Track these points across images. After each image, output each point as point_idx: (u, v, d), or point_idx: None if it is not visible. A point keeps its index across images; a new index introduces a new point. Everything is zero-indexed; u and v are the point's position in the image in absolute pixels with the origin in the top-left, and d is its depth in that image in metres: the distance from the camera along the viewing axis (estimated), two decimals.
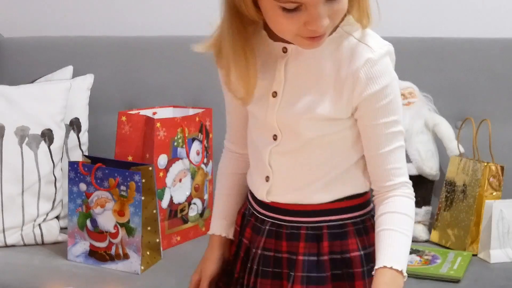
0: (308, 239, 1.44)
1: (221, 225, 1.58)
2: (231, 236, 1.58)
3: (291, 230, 1.45)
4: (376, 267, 1.36)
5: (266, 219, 1.49)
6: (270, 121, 1.42)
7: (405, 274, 1.35)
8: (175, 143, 2.21)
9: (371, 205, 1.48)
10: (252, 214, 1.53)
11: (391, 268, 1.34)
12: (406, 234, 1.38)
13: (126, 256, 2.07)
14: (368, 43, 1.36)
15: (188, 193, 2.27)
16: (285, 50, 1.39)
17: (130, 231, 2.06)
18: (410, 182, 1.43)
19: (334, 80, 1.36)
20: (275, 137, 1.43)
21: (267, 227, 1.48)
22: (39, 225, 2.27)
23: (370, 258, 1.43)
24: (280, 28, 1.33)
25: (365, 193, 1.48)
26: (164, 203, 2.20)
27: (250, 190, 1.54)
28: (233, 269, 1.56)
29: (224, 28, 1.40)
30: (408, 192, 1.42)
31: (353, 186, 1.46)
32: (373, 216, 1.46)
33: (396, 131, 1.39)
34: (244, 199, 1.58)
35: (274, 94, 1.40)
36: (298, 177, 1.43)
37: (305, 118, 1.38)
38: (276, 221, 1.47)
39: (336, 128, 1.41)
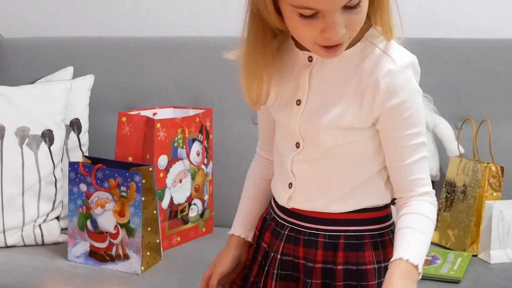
0: (325, 248, 1.45)
1: (242, 226, 1.60)
2: (249, 239, 1.59)
3: (308, 237, 1.47)
4: (392, 259, 1.34)
5: (286, 224, 1.50)
6: (293, 129, 1.44)
7: (420, 270, 1.34)
8: (175, 144, 2.21)
9: (391, 220, 1.48)
10: (273, 218, 1.54)
11: (407, 261, 1.32)
12: (426, 235, 1.37)
13: (126, 257, 2.07)
14: (391, 55, 1.36)
15: (188, 194, 2.27)
16: (310, 59, 1.42)
17: (130, 232, 2.06)
18: (433, 191, 1.43)
19: (356, 90, 1.37)
20: (297, 145, 1.45)
21: (286, 232, 1.50)
22: (40, 225, 2.27)
23: (384, 272, 1.39)
24: (299, 35, 1.34)
25: (386, 206, 1.47)
26: (164, 204, 2.20)
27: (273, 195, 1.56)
28: (250, 273, 1.57)
29: (246, 36, 1.41)
30: (431, 200, 1.42)
31: (373, 197, 1.45)
32: (392, 231, 1.47)
33: (418, 142, 1.39)
34: (268, 205, 1.60)
35: (298, 102, 1.43)
36: (319, 185, 1.44)
37: (327, 127, 1.39)
38: (295, 227, 1.49)
39: (357, 137, 1.41)
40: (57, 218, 2.32)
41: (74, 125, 2.42)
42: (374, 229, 1.46)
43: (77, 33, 2.77)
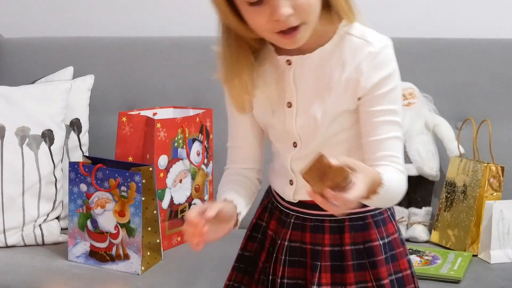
0: (332, 231, 1.50)
1: (236, 198, 1.51)
2: (239, 218, 1.50)
3: (315, 223, 1.51)
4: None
5: (291, 212, 1.54)
6: (290, 130, 1.48)
7: (382, 187, 1.34)
8: (176, 144, 2.21)
9: None
10: (276, 207, 1.58)
11: (379, 173, 1.35)
12: (396, 186, 1.40)
13: (126, 257, 2.07)
14: (367, 39, 1.42)
15: (188, 194, 2.27)
16: (289, 63, 1.46)
17: (130, 232, 2.06)
18: (405, 171, 1.45)
19: (340, 79, 1.42)
20: (295, 144, 1.49)
21: (293, 220, 1.54)
22: (40, 225, 2.27)
23: (389, 246, 1.50)
24: (256, 27, 1.38)
25: None
26: (165, 204, 2.20)
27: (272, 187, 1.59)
28: (258, 259, 1.59)
29: (221, 52, 1.48)
30: (401, 172, 1.43)
31: None
32: (389, 208, 1.54)
33: (393, 120, 1.43)
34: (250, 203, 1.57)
35: (289, 105, 1.47)
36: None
37: (323, 121, 1.43)
38: (301, 215, 1.53)
39: (349, 123, 1.45)
40: (57, 218, 2.32)
41: (74, 125, 2.42)
42: (374, 209, 1.51)
43: (77, 33, 2.76)
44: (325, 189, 1.24)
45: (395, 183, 1.40)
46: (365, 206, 1.48)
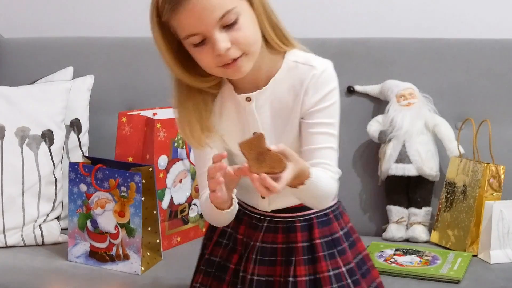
0: (302, 230, 1.69)
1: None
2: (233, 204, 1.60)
3: (287, 224, 1.70)
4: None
5: (263, 217, 1.71)
6: None
7: (309, 180, 1.51)
8: (176, 144, 2.21)
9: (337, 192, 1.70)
10: (244, 213, 1.73)
11: (309, 168, 1.52)
12: (325, 185, 1.57)
13: (126, 257, 2.07)
14: (311, 63, 1.60)
15: (188, 194, 2.27)
16: (249, 99, 1.62)
17: (130, 232, 2.06)
18: (338, 174, 1.62)
19: (294, 104, 1.61)
20: None
21: (265, 224, 1.71)
22: (40, 225, 2.27)
23: (348, 234, 1.73)
24: (204, 65, 1.55)
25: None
26: (164, 204, 2.20)
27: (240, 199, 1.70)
28: (228, 262, 1.73)
29: (174, 101, 1.66)
30: (333, 175, 1.61)
31: None
32: (341, 204, 1.77)
33: (329, 132, 1.60)
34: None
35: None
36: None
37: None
38: (273, 219, 1.71)
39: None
40: (57, 218, 2.32)
41: (74, 125, 2.42)
42: (333, 205, 1.73)
43: (77, 33, 2.76)
44: (262, 173, 1.40)
45: (324, 181, 1.55)
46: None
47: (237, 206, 1.60)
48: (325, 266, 1.67)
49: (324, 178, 1.56)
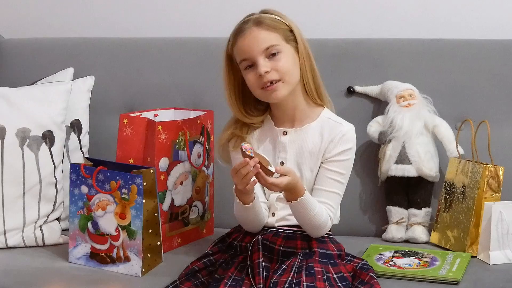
0: (303, 239, 2.02)
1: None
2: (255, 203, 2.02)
3: (288, 233, 2.04)
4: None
5: (267, 228, 2.07)
6: None
7: (299, 200, 1.94)
8: (177, 146, 2.21)
9: None
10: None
11: (305, 190, 1.95)
12: (315, 213, 1.96)
13: (127, 259, 2.07)
14: (341, 122, 2.06)
15: (189, 196, 2.27)
16: (285, 133, 2.06)
17: (131, 234, 2.06)
18: (332, 222, 2.03)
19: (319, 147, 2.03)
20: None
21: (268, 229, 2.06)
22: (40, 227, 2.27)
23: (341, 256, 2.04)
24: (250, 85, 2.01)
25: None
26: (165, 206, 2.20)
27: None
28: (234, 259, 2.02)
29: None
30: (330, 214, 2.01)
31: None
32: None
33: (340, 181, 2.02)
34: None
35: (282, 163, 2.05)
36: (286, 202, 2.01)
37: (305, 177, 2.04)
38: (275, 229, 2.06)
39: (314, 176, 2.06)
40: (58, 219, 2.32)
41: (75, 126, 2.42)
42: (328, 234, 2.07)
43: (77, 34, 2.76)
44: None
45: (316, 210, 1.95)
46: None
47: (258, 205, 2.00)
48: (320, 267, 1.92)
49: (318, 208, 1.96)
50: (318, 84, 2.06)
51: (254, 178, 1.89)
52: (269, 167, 1.87)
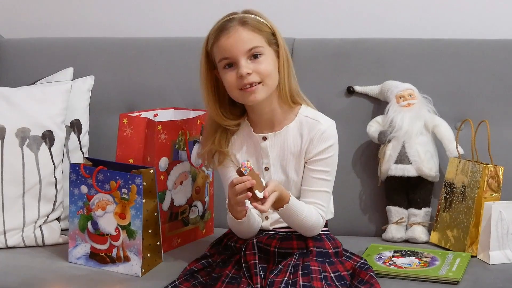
0: (298, 239, 2.02)
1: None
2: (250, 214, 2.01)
3: (283, 235, 2.04)
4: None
5: (262, 231, 2.06)
6: None
7: (285, 207, 1.93)
8: (176, 146, 2.21)
9: None
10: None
11: (289, 199, 1.94)
12: (304, 215, 1.96)
13: (127, 259, 2.07)
14: (318, 120, 2.02)
15: (189, 196, 2.27)
16: (265, 138, 2.04)
17: (131, 234, 2.06)
18: (325, 219, 2.03)
19: (301, 148, 2.02)
20: None
21: (263, 233, 2.05)
22: (40, 226, 2.27)
23: (338, 254, 2.03)
24: (228, 85, 1.97)
25: None
26: (165, 206, 2.20)
27: None
28: (230, 258, 2.02)
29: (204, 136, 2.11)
30: (321, 213, 2.00)
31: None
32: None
33: (325, 178, 2.01)
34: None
35: (266, 168, 2.05)
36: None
37: (293, 177, 2.03)
38: (270, 232, 2.06)
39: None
40: (58, 219, 2.32)
41: (75, 126, 2.43)
42: (324, 231, 2.06)
43: (77, 34, 2.77)
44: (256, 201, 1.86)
45: (305, 214, 1.96)
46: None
47: (252, 217, 1.99)
48: (317, 266, 1.92)
49: (306, 211, 1.96)
50: (294, 90, 2.03)
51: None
52: (257, 193, 1.84)
